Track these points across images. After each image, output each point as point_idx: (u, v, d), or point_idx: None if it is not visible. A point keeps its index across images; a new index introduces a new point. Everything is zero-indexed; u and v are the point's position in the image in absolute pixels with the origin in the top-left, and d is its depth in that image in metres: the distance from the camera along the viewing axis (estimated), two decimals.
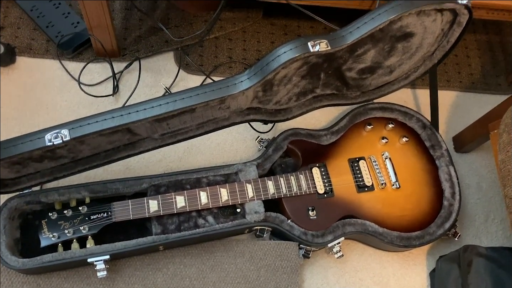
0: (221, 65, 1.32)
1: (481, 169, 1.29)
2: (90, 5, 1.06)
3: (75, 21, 1.26)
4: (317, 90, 1.13)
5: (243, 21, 1.38)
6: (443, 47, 1.09)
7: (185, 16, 1.35)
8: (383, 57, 1.05)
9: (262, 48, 1.37)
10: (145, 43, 1.30)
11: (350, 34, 0.92)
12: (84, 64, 1.25)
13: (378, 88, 1.20)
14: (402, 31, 0.97)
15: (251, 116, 1.09)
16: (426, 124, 1.20)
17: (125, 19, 1.33)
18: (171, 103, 0.91)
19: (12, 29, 1.25)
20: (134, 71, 1.27)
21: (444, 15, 0.97)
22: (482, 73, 1.43)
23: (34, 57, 1.24)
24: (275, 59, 0.91)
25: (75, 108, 1.21)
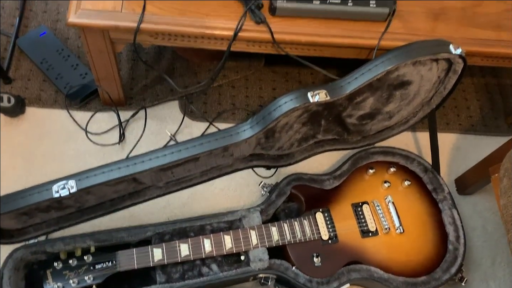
0: (224, 112, 1.36)
1: (485, 211, 1.29)
2: (98, 59, 1.10)
3: (83, 72, 1.30)
4: (319, 136, 1.15)
5: (245, 70, 1.43)
6: (441, 93, 1.12)
7: (189, 65, 1.40)
8: (382, 104, 1.08)
9: (264, 95, 1.41)
10: (151, 92, 1.34)
11: (348, 84, 0.95)
12: (91, 113, 1.28)
13: (378, 132, 1.22)
14: (399, 80, 1.00)
15: (254, 162, 1.11)
16: (428, 168, 1.21)
17: (132, 69, 1.37)
18: (176, 153, 0.93)
19: (22, 81, 1.30)
20: (140, 119, 1.30)
21: (439, 64, 1.01)
22: (481, 116, 1.45)
23: (43, 108, 1.28)
24: (277, 109, 0.94)
25: (82, 156, 1.23)
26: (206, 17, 1.01)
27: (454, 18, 1.09)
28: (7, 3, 1.41)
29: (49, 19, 1.41)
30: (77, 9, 0.97)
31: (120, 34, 1.02)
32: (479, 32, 1.08)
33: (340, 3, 1.02)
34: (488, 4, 1.12)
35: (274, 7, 1.01)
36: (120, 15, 0.98)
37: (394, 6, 1.04)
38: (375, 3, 1.02)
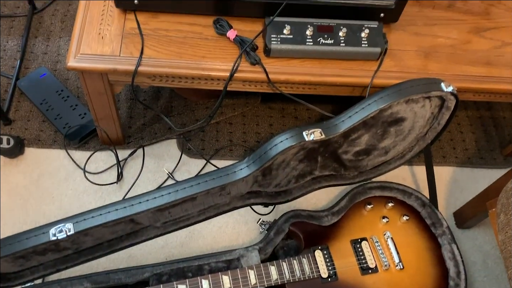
0: (222, 148, 1.37)
1: (485, 245, 1.28)
2: (96, 100, 1.12)
3: (82, 112, 1.32)
4: (316, 172, 1.16)
5: (242, 107, 1.45)
6: (435, 128, 1.13)
7: (187, 104, 1.42)
8: (377, 140, 1.09)
9: (261, 131, 1.43)
10: (149, 130, 1.36)
11: (343, 123, 0.96)
12: (89, 153, 1.29)
13: (375, 167, 1.22)
14: (393, 117, 1.02)
15: (252, 200, 1.11)
16: (425, 202, 1.21)
17: (130, 108, 1.39)
18: (173, 193, 0.93)
19: (22, 122, 1.32)
20: (138, 157, 1.31)
21: (432, 101, 1.02)
22: (477, 148, 1.46)
23: (42, 148, 1.29)
24: (273, 148, 0.95)
25: (80, 196, 1.23)
26: (203, 59, 1.04)
27: (444, 55, 1.12)
28: (8, 45, 1.45)
29: (50, 60, 1.44)
30: (77, 54, 1.00)
31: (119, 77, 1.04)
32: (470, 69, 1.10)
33: (333, 43, 1.04)
34: (477, 41, 1.15)
35: (269, 49, 1.03)
36: (118, 59, 1.00)
37: (386, 45, 1.07)
38: (367, 43, 1.05)
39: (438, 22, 1.18)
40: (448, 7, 1.21)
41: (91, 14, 1.06)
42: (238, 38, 1.05)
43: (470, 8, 1.22)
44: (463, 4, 1.23)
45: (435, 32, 1.16)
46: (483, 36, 1.17)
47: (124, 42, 1.02)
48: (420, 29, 1.15)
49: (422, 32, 1.15)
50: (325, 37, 1.05)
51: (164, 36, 1.05)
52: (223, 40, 1.06)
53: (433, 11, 1.20)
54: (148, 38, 1.04)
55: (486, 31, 1.18)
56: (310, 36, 1.04)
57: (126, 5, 1.04)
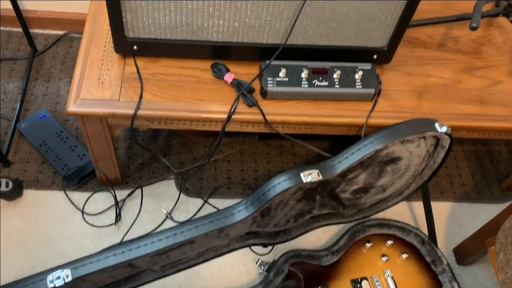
0: (220, 187, 1.37)
1: (486, 281, 1.27)
2: (95, 142, 1.13)
3: (81, 153, 1.33)
4: (314, 211, 1.16)
5: (240, 144, 1.46)
6: (431, 166, 1.14)
7: (185, 142, 1.44)
8: (374, 178, 1.10)
9: (259, 168, 1.43)
10: (147, 170, 1.36)
11: (340, 164, 0.97)
12: (88, 194, 1.30)
13: (373, 205, 1.23)
14: (389, 157, 1.03)
15: (251, 240, 1.11)
16: (424, 239, 1.21)
17: (129, 148, 1.40)
18: (171, 237, 0.93)
19: (21, 164, 1.32)
20: (137, 197, 1.31)
21: (427, 140, 1.04)
22: (474, 183, 1.47)
23: (40, 190, 1.29)
24: (271, 190, 0.96)
25: (79, 238, 1.23)
26: (201, 102, 1.06)
27: (437, 95, 1.14)
28: (9, 88, 1.47)
29: (49, 102, 1.46)
30: (76, 99, 1.02)
31: (118, 121, 1.06)
32: (463, 107, 1.13)
33: (328, 85, 1.07)
34: (469, 80, 1.18)
35: (265, 91, 1.05)
36: (118, 103, 1.02)
37: (379, 86, 1.09)
38: (361, 84, 1.07)
39: (430, 62, 1.21)
40: (440, 46, 1.25)
41: (91, 59, 1.08)
42: (235, 81, 1.07)
43: (461, 48, 1.25)
44: (454, 44, 1.26)
45: (427, 72, 1.18)
46: (475, 75, 1.19)
47: (123, 87, 1.04)
48: (413, 69, 1.18)
49: (415, 72, 1.18)
50: (320, 79, 1.07)
51: (163, 80, 1.07)
52: (220, 83, 1.09)
53: (425, 51, 1.23)
54: (147, 82, 1.06)
55: (477, 70, 1.21)
56: (305, 78, 1.07)
57: (126, 50, 1.07)
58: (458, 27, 1.29)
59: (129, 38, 1.03)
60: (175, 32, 1.03)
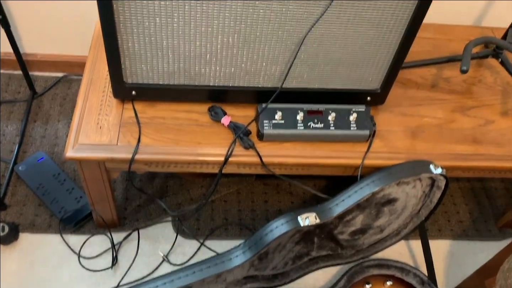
0: (217, 228, 1.37)
1: None
2: (93, 185, 1.14)
3: (78, 195, 1.33)
4: (312, 253, 1.16)
5: (237, 184, 1.46)
6: (428, 206, 1.15)
7: (183, 182, 1.44)
8: (372, 219, 1.10)
9: (256, 208, 1.43)
10: (144, 212, 1.36)
11: (337, 206, 0.98)
12: (85, 237, 1.29)
13: (371, 245, 1.22)
14: (386, 198, 1.04)
15: (248, 284, 1.10)
16: (424, 280, 1.20)
17: (126, 189, 1.40)
18: (168, 283, 0.92)
19: (18, 207, 1.32)
20: (133, 240, 1.30)
21: (423, 181, 1.05)
22: (471, 220, 1.47)
23: (36, 233, 1.28)
24: (268, 234, 0.96)
25: (74, 282, 1.21)
26: (198, 145, 1.07)
27: (431, 135, 1.16)
28: (8, 130, 1.48)
29: (48, 144, 1.47)
30: (75, 144, 1.02)
31: (116, 165, 1.06)
32: (457, 147, 1.14)
33: (323, 127, 1.08)
34: (462, 120, 1.20)
35: (262, 134, 1.07)
36: (116, 148, 1.03)
37: (374, 127, 1.11)
38: (355, 126, 1.09)
39: (423, 102, 1.23)
40: (432, 87, 1.28)
41: (90, 104, 1.10)
42: (232, 124, 1.09)
43: (453, 88, 1.28)
44: (446, 84, 1.29)
45: (421, 112, 1.21)
46: (467, 115, 1.22)
47: (121, 131, 1.06)
48: (406, 110, 1.20)
49: (408, 112, 1.20)
50: (315, 121, 1.09)
51: (161, 124, 1.09)
52: (217, 126, 1.10)
53: (418, 91, 1.26)
54: (145, 126, 1.07)
55: (469, 110, 1.23)
56: (300, 120, 1.09)
57: (124, 95, 1.09)
58: (449, 67, 1.33)
59: (127, 83, 1.06)
60: (173, 78, 1.06)
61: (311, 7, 0.93)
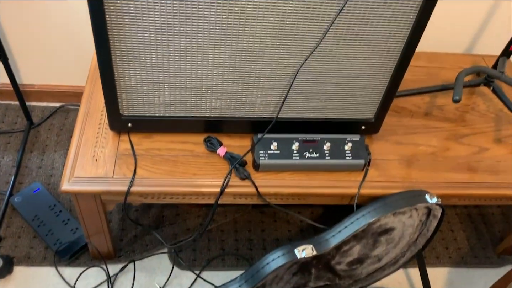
0: (214, 258, 1.36)
1: None
2: (88, 218, 1.13)
3: (74, 227, 1.32)
4: (310, 284, 1.15)
5: (234, 213, 1.46)
6: (424, 234, 1.15)
7: (179, 212, 1.43)
8: (369, 249, 1.10)
9: (253, 237, 1.42)
10: (140, 243, 1.35)
11: (333, 238, 0.97)
12: (80, 269, 1.27)
13: (369, 275, 1.22)
14: (382, 228, 1.03)
15: None
16: None
17: (122, 220, 1.40)
18: None
19: (12, 239, 1.31)
20: (129, 271, 1.29)
21: (419, 211, 1.05)
22: (470, 247, 1.46)
23: (31, 266, 1.26)
24: (265, 267, 0.95)
25: None
26: (194, 176, 1.07)
27: (426, 163, 1.16)
28: (4, 161, 1.48)
29: (44, 174, 1.47)
30: (71, 177, 1.02)
31: (111, 197, 1.06)
32: (452, 176, 1.15)
33: (318, 157, 1.09)
34: (456, 148, 1.21)
35: (258, 164, 1.07)
36: (111, 180, 1.03)
37: (369, 156, 1.11)
38: (351, 155, 1.10)
39: (417, 131, 1.24)
40: (426, 115, 1.29)
41: (86, 136, 1.10)
42: (228, 155, 1.09)
43: (447, 116, 1.29)
44: (440, 112, 1.30)
45: (415, 140, 1.22)
46: (461, 143, 1.23)
47: (117, 164, 1.06)
48: (401, 138, 1.21)
49: (403, 141, 1.21)
50: (311, 151, 1.09)
51: (157, 156, 1.09)
52: (213, 157, 1.11)
53: (412, 120, 1.27)
54: (141, 158, 1.08)
55: (463, 138, 1.24)
56: (296, 150, 1.09)
57: (120, 128, 1.10)
58: (442, 95, 1.35)
59: (123, 116, 1.06)
60: (169, 110, 1.07)
61: (304, 41, 0.95)
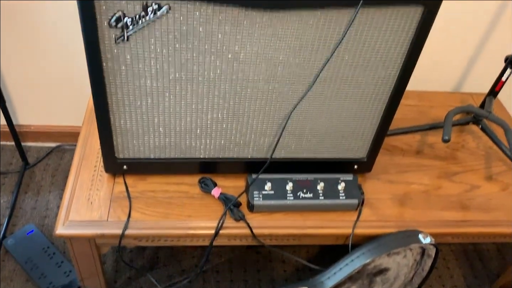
0: None
1: None
2: (82, 261, 1.12)
3: (67, 269, 1.31)
4: None
5: (229, 253, 1.45)
6: (420, 274, 1.14)
7: (174, 253, 1.42)
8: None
9: (248, 278, 1.41)
10: (135, 284, 1.34)
11: (328, 280, 0.97)
12: None
13: None
14: (377, 268, 1.03)
15: None
16: None
17: (116, 262, 1.38)
18: None
19: (4, 283, 1.29)
20: None
21: (413, 250, 1.05)
22: (466, 284, 1.45)
23: None
24: None
25: None
26: (188, 218, 1.07)
27: (419, 202, 1.17)
28: None
29: (38, 216, 1.46)
30: (65, 221, 1.03)
31: (106, 240, 1.06)
32: (445, 214, 1.15)
33: (312, 197, 1.10)
34: (448, 186, 1.22)
35: (252, 205, 1.08)
36: (106, 223, 1.03)
37: (362, 196, 1.12)
38: (344, 195, 1.11)
39: (409, 169, 1.26)
40: (417, 153, 1.31)
41: (81, 179, 1.11)
42: (222, 196, 1.10)
43: (437, 154, 1.32)
44: (430, 150, 1.33)
45: (407, 179, 1.23)
46: (453, 181, 1.24)
47: (112, 206, 1.06)
48: (393, 177, 1.23)
49: (395, 179, 1.22)
50: (305, 192, 1.10)
51: (151, 198, 1.10)
52: (208, 198, 1.11)
53: (404, 158, 1.29)
54: (135, 201, 1.08)
55: (455, 176, 1.26)
56: (290, 191, 1.10)
57: (116, 170, 1.11)
58: (432, 133, 1.37)
59: (119, 158, 1.08)
60: (163, 152, 1.08)
61: (295, 85, 0.98)
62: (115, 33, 0.85)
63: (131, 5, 0.81)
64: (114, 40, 0.85)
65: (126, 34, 0.85)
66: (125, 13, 0.82)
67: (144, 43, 0.87)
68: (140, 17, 0.82)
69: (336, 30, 0.89)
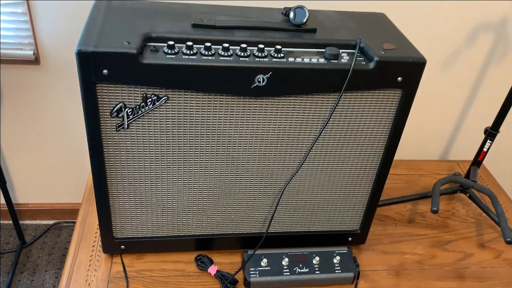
0: None
1: None
2: None
3: None
4: None
5: None
6: None
7: None
8: None
9: None
10: None
11: None
12: None
13: None
14: None
15: None
16: None
17: None
18: None
19: None
20: None
21: None
22: None
23: None
24: None
25: None
26: None
27: (414, 272, 1.18)
28: None
29: None
30: None
31: None
32: (440, 285, 1.16)
33: (308, 272, 1.11)
34: (441, 255, 1.24)
35: (249, 282, 1.09)
36: None
37: (358, 268, 1.13)
38: (340, 269, 1.12)
39: (402, 239, 1.28)
40: (409, 223, 1.34)
41: (79, 260, 1.12)
42: (218, 274, 1.11)
43: (429, 223, 1.34)
44: (422, 219, 1.35)
45: (401, 249, 1.25)
46: (446, 249, 1.26)
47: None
48: (387, 247, 1.25)
49: (389, 250, 1.24)
50: (300, 266, 1.12)
51: (148, 277, 1.10)
52: (204, 276, 1.12)
53: (396, 228, 1.31)
54: (132, 281, 1.09)
55: (447, 244, 1.28)
56: (286, 266, 1.11)
57: (113, 250, 1.12)
58: (423, 202, 1.41)
59: (117, 238, 1.09)
60: (160, 230, 1.10)
61: (287, 163, 1.03)
62: (116, 121, 0.90)
63: (132, 97, 0.87)
64: (115, 128, 0.91)
65: (127, 122, 0.91)
66: (126, 104, 0.88)
67: (143, 129, 0.93)
68: (140, 107, 0.89)
69: (322, 112, 0.96)
